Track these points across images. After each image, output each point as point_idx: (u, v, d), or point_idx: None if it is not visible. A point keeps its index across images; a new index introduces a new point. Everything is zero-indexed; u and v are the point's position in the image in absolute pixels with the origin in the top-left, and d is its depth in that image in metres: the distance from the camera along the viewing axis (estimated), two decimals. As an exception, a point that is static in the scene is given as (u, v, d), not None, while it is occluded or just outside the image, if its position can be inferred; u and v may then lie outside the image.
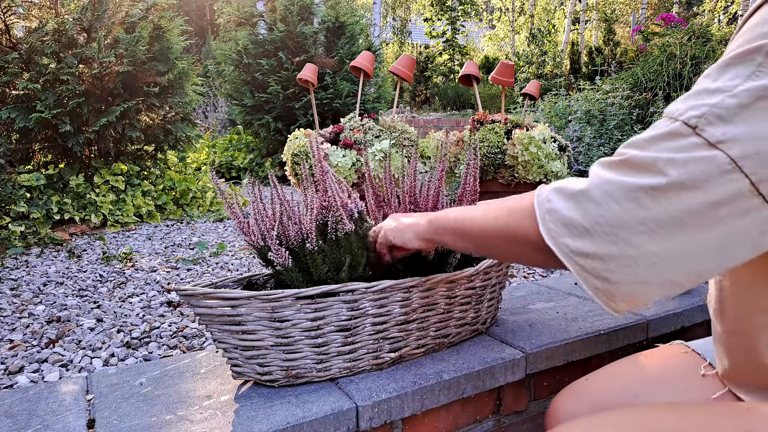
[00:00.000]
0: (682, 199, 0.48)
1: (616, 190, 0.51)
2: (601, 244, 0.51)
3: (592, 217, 0.52)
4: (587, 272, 0.53)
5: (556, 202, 0.55)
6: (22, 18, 3.27)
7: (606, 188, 0.52)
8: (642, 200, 0.49)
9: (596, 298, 0.54)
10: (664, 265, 0.50)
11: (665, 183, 0.49)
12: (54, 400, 0.89)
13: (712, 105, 0.48)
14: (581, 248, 0.52)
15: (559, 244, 0.54)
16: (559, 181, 0.58)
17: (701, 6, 13.87)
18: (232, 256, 2.37)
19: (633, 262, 0.50)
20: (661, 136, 0.50)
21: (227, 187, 4.04)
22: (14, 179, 2.85)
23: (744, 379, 0.71)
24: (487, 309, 1.10)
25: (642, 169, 0.50)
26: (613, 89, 4.01)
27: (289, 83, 5.25)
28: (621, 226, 0.50)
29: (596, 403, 0.83)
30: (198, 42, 13.46)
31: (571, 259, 0.53)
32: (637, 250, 0.50)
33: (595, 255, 0.52)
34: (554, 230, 0.55)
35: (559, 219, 0.54)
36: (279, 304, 0.83)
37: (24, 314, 1.59)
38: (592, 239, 0.52)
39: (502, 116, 2.05)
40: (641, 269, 0.50)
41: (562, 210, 0.54)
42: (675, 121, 0.50)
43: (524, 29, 17.47)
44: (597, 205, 0.51)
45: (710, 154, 0.47)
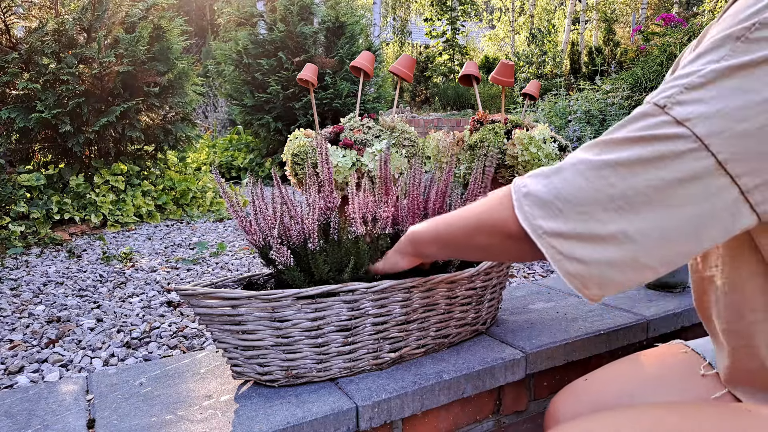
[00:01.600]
0: (648, 175, 0.49)
1: (586, 167, 0.52)
2: (572, 222, 0.51)
3: (563, 195, 0.52)
4: (560, 254, 0.53)
5: (532, 185, 0.55)
6: (22, 18, 3.27)
7: (578, 167, 0.52)
8: (609, 177, 0.50)
9: (569, 283, 0.53)
10: (633, 243, 0.50)
11: (631, 158, 0.49)
12: (54, 400, 0.89)
13: (681, 85, 0.49)
14: (554, 228, 0.52)
15: (534, 226, 0.54)
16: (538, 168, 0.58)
17: (701, 6, 13.87)
18: (232, 256, 2.37)
19: (602, 240, 0.50)
20: (633, 118, 0.51)
21: (227, 186, 4.04)
22: (14, 179, 2.85)
23: (742, 381, 0.71)
24: (488, 309, 1.10)
25: (612, 147, 0.51)
26: (613, 89, 4.01)
27: (289, 83, 5.25)
28: (589, 202, 0.50)
29: (595, 403, 0.83)
30: (198, 42, 13.46)
31: (545, 241, 0.53)
32: (605, 227, 0.50)
33: (567, 234, 0.52)
34: (529, 212, 0.54)
35: (533, 201, 0.54)
36: (279, 304, 0.83)
37: (24, 314, 1.59)
38: (564, 218, 0.52)
39: (502, 116, 2.05)
40: (610, 248, 0.50)
41: (535, 191, 0.54)
42: (646, 104, 0.51)
43: (524, 29, 17.46)
44: (567, 182, 0.52)
45: (676, 131, 0.48)
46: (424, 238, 0.75)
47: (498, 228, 0.59)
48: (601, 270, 0.51)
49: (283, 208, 0.92)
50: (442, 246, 0.71)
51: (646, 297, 1.33)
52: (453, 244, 0.69)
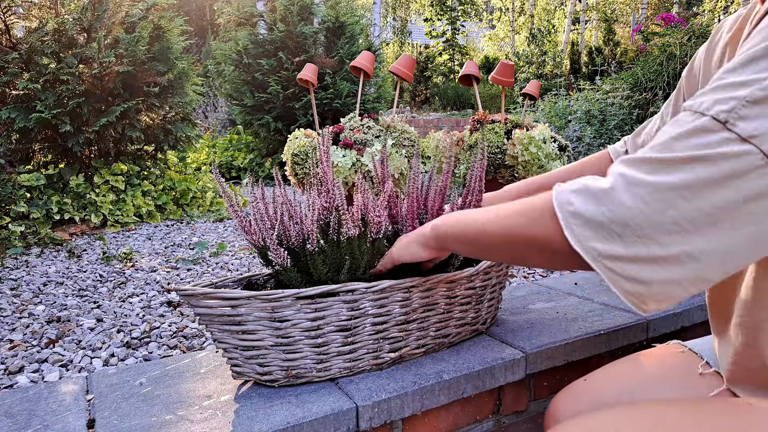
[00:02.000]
0: (714, 197, 0.47)
1: (645, 190, 0.49)
2: (632, 246, 0.50)
3: (621, 219, 0.50)
4: (618, 275, 0.51)
5: (579, 205, 0.53)
6: (22, 18, 3.27)
7: (634, 189, 0.50)
8: (672, 199, 0.48)
9: (626, 300, 0.52)
10: (696, 263, 0.49)
11: (696, 180, 0.47)
12: (54, 400, 0.89)
13: (741, 98, 0.47)
14: (611, 251, 0.51)
15: (587, 248, 0.52)
16: (578, 180, 0.55)
17: (701, 6, 13.88)
18: (232, 256, 2.37)
19: (665, 261, 0.49)
20: (689, 132, 0.49)
21: (227, 186, 4.03)
22: (14, 179, 2.85)
23: (743, 379, 0.71)
24: (487, 309, 1.10)
25: (671, 167, 0.49)
26: (613, 89, 4.01)
27: (289, 83, 5.25)
28: (652, 226, 0.49)
29: (595, 402, 0.83)
30: (198, 42, 13.46)
31: (601, 263, 0.52)
32: (669, 250, 0.49)
33: (626, 257, 0.50)
34: (580, 234, 0.52)
35: (584, 222, 0.52)
36: (279, 304, 0.83)
37: (24, 314, 1.59)
38: (621, 241, 0.50)
39: (502, 116, 2.05)
40: (673, 268, 0.49)
41: (586, 212, 0.52)
42: (702, 115, 0.49)
43: (524, 29, 17.46)
44: (624, 207, 0.50)
45: (742, 149, 0.46)
46: (451, 234, 0.73)
47: (541, 243, 0.58)
48: (662, 288, 0.50)
49: (283, 208, 0.92)
50: (471, 247, 0.70)
51: (646, 297, 1.32)
52: (485, 248, 0.68)
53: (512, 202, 0.64)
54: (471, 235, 0.69)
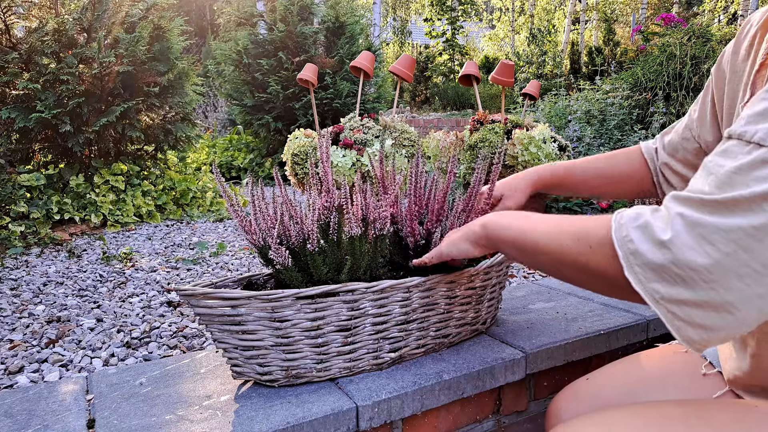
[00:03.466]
0: None
1: (711, 233, 0.46)
2: (700, 292, 0.47)
3: (686, 264, 0.47)
4: (681, 320, 0.49)
5: (640, 245, 0.50)
6: (22, 18, 3.27)
7: (698, 231, 0.47)
8: (743, 241, 0.45)
9: (689, 346, 0.50)
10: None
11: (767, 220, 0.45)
12: (54, 400, 0.89)
13: None
14: (675, 295, 0.48)
15: (648, 290, 0.50)
16: (638, 212, 0.52)
17: (701, 6, 13.88)
18: (232, 256, 2.37)
19: (735, 307, 0.46)
20: (749, 166, 0.46)
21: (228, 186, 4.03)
22: (14, 179, 2.85)
23: (750, 381, 0.70)
24: (487, 309, 1.10)
25: (737, 208, 0.46)
26: (613, 89, 4.01)
27: (289, 83, 5.25)
28: (721, 272, 0.46)
29: (597, 403, 0.83)
30: (198, 42, 13.46)
31: (663, 306, 0.49)
32: (740, 295, 0.46)
33: (692, 303, 0.47)
34: (641, 274, 0.50)
35: (646, 263, 0.49)
36: (279, 304, 0.83)
37: (24, 314, 1.59)
38: (687, 286, 0.47)
39: (502, 116, 2.05)
40: (744, 312, 0.47)
41: (648, 254, 0.49)
42: (758, 146, 0.46)
43: (524, 29, 17.47)
44: (691, 251, 0.47)
45: None
46: (504, 238, 0.72)
47: (595, 272, 0.56)
48: (729, 332, 0.48)
49: (283, 208, 0.92)
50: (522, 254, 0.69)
51: (646, 297, 1.32)
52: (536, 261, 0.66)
53: (570, 218, 0.62)
54: (523, 244, 0.67)
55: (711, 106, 0.81)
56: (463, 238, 0.82)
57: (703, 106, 0.84)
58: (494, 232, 0.75)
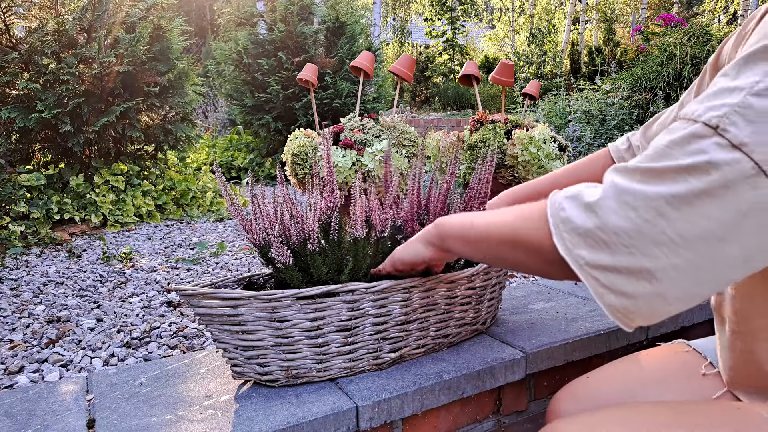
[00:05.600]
0: (705, 208, 0.45)
1: (635, 199, 0.48)
2: (619, 256, 0.48)
3: (610, 228, 0.48)
4: (604, 287, 0.50)
5: (571, 210, 0.51)
6: (22, 18, 3.27)
7: (624, 197, 0.48)
8: (662, 209, 0.46)
9: (612, 316, 0.51)
10: (686, 277, 0.47)
11: (686, 191, 0.46)
12: (54, 400, 0.89)
13: (733, 104, 0.45)
14: (598, 260, 0.49)
15: (574, 256, 0.51)
16: (574, 186, 0.54)
17: (701, 6, 13.88)
18: (232, 256, 2.37)
19: (652, 275, 0.47)
20: (680, 140, 0.47)
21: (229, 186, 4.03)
22: (14, 179, 2.85)
23: (742, 383, 0.71)
24: (487, 309, 1.10)
25: (661, 177, 0.47)
26: (613, 89, 4.01)
27: (289, 83, 5.25)
28: (640, 237, 0.47)
29: (596, 401, 0.83)
30: (198, 42, 13.46)
31: (587, 272, 0.50)
32: (657, 262, 0.47)
33: (613, 268, 0.48)
34: (569, 240, 0.51)
35: (573, 228, 0.51)
36: (279, 304, 0.83)
37: (24, 314, 1.59)
38: (609, 251, 0.48)
39: (502, 116, 2.05)
40: (662, 282, 0.47)
41: (577, 219, 0.51)
42: (694, 122, 0.47)
43: (524, 29, 17.47)
44: (614, 215, 0.48)
45: (733, 157, 0.44)
46: (452, 233, 0.71)
47: (532, 247, 0.56)
48: (650, 303, 0.48)
49: (284, 207, 0.92)
50: (471, 248, 0.69)
51: (646, 297, 1.32)
52: (482, 250, 0.66)
53: (515, 206, 0.62)
54: (472, 236, 0.67)
55: None
56: (417, 238, 0.81)
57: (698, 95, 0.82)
58: (444, 228, 0.74)
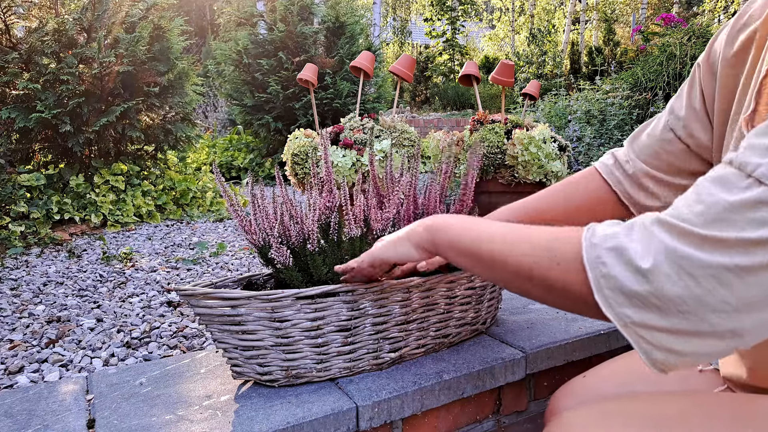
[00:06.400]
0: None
1: (693, 266, 0.45)
2: (672, 319, 0.46)
3: (665, 295, 0.46)
4: (650, 344, 0.48)
5: (615, 268, 0.48)
6: (22, 18, 3.27)
7: (680, 263, 0.45)
8: (724, 278, 0.44)
9: (653, 367, 0.49)
10: (739, 339, 0.46)
11: (755, 264, 0.43)
12: (54, 400, 0.89)
13: None
14: (646, 321, 0.47)
15: (619, 314, 0.48)
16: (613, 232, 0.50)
17: (701, 6, 13.88)
18: (232, 256, 2.37)
19: (705, 338, 0.46)
20: (743, 205, 0.44)
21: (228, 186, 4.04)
22: (14, 179, 2.85)
23: (749, 382, 0.70)
24: (487, 309, 1.10)
25: (725, 247, 0.44)
26: (613, 89, 4.01)
27: (289, 83, 5.25)
28: (699, 305, 0.45)
29: (595, 396, 0.83)
30: (198, 42, 13.46)
31: (632, 330, 0.48)
32: (713, 328, 0.45)
33: (663, 329, 0.47)
34: (612, 298, 0.48)
35: (618, 288, 0.48)
36: (279, 304, 0.83)
37: (24, 314, 1.59)
38: (660, 314, 0.46)
39: (502, 116, 2.05)
40: (714, 343, 0.46)
41: (622, 279, 0.47)
42: (758, 183, 0.44)
43: (524, 29, 17.47)
44: (670, 282, 0.45)
45: None
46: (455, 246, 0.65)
47: (565, 293, 0.53)
48: (695, 359, 0.48)
49: (284, 207, 0.92)
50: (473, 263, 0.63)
51: (646, 297, 1.32)
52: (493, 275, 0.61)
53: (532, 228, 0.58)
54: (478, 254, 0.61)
55: (700, 100, 0.75)
56: (404, 239, 0.73)
57: (690, 101, 0.77)
58: (443, 238, 0.67)
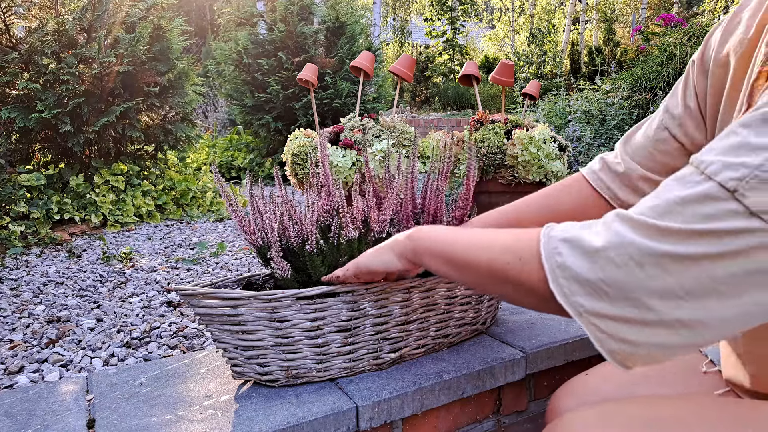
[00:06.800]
0: (715, 269, 0.44)
1: (640, 253, 0.46)
2: (622, 307, 0.47)
3: (612, 280, 0.47)
4: (604, 333, 0.49)
5: (569, 258, 0.50)
6: (22, 18, 3.27)
7: (628, 250, 0.47)
8: (669, 267, 0.45)
9: (610, 358, 0.50)
10: (690, 331, 0.46)
11: (697, 253, 0.45)
12: (54, 400, 0.89)
13: (755, 167, 0.43)
14: (598, 309, 0.48)
15: (573, 303, 0.50)
16: (570, 226, 0.53)
17: (701, 6, 13.87)
18: (232, 256, 2.37)
19: (654, 327, 0.47)
20: (692, 199, 0.46)
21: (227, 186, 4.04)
22: (14, 179, 2.85)
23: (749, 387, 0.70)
24: (487, 309, 1.10)
25: (670, 236, 0.46)
26: (613, 89, 4.01)
27: (289, 83, 5.25)
28: (644, 291, 0.46)
29: (594, 399, 0.83)
30: (198, 42, 13.46)
31: (586, 319, 0.49)
32: (660, 316, 0.46)
33: (614, 317, 0.48)
34: (567, 287, 0.50)
35: (572, 276, 0.50)
36: (279, 304, 0.83)
37: (24, 314, 1.59)
38: (610, 301, 0.48)
39: (502, 116, 2.05)
40: (664, 334, 0.47)
41: (576, 267, 0.50)
42: (708, 179, 0.46)
43: (524, 29, 17.47)
44: (617, 268, 0.47)
45: (751, 225, 0.43)
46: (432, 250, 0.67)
47: (524, 284, 0.55)
48: (650, 350, 0.48)
49: (283, 208, 0.92)
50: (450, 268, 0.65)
51: (646, 297, 1.32)
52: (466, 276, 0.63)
53: (500, 232, 0.60)
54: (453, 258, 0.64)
55: (694, 98, 0.75)
56: (387, 248, 0.76)
57: (684, 99, 0.77)
58: (422, 244, 0.69)
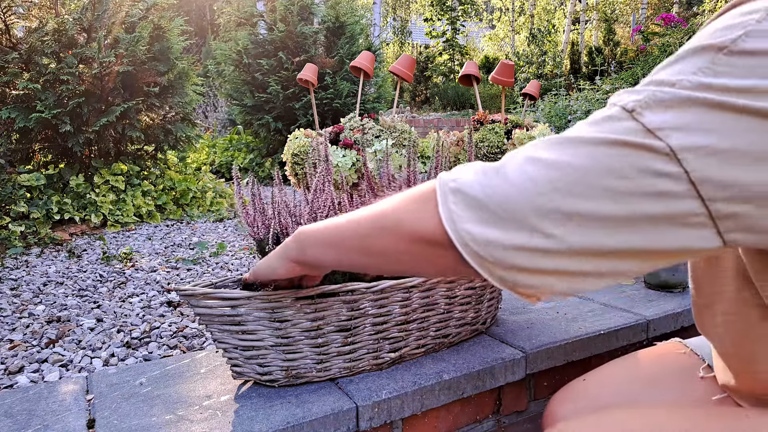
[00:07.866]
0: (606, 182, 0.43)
1: (536, 169, 0.43)
2: (511, 232, 0.43)
3: (503, 197, 0.44)
4: (490, 263, 0.45)
5: (465, 180, 0.46)
6: (22, 18, 3.27)
7: (525, 167, 0.44)
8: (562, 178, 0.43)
9: (500, 285, 0.47)
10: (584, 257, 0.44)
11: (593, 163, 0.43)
12: (54, 400, 0.89)
13: (653, 91, 0.43)
14: (486, 235, 0.44)
15: (459, 230, 0.45)
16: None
17: (701, 6, 13.87)
18: (232, 256, 2.37)
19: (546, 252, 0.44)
20: (595, 121, 0.45)
21: (227, 186, 4.04)
22: (14, 179, 2.85)
23: (743, 389, 0.70)
24: (487, 309, 1.10)
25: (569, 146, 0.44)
26: (613, 89, 4.01)
27: (289, 83, 5.25)
28: (536, 211, 0.43)
29: (592, 403, 0.83)
30: (198, 42, 13.46)
31: (470, 248, 0.45)
32: (550, 242, 0.43)
33: (501, 244, 0.44)
34: (456, 212, 0.45)
35: (463, 200, 0.45)
36: (279, 304, 0.83)
37: (24, 314, 1.59)
38: (499, 225, 0.44)
39: (502, 116, 2.05)
40: (555, 260, 0.44)
41: (468, 188, 0.45)
42: (614, 106, 0.45)
43: (524, 29, 17.47)
44: (511, 184, 0.44)
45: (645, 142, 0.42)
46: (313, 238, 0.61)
47: (410, 229, 0.49)
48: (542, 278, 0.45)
49: (281, 206, 0.92)
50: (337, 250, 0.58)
51: (646, 297, 1.32)
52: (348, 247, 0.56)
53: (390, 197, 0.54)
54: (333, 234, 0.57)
55: None
56: (275, 251, 0.70)
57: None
58: (304, 236, 0.63)
